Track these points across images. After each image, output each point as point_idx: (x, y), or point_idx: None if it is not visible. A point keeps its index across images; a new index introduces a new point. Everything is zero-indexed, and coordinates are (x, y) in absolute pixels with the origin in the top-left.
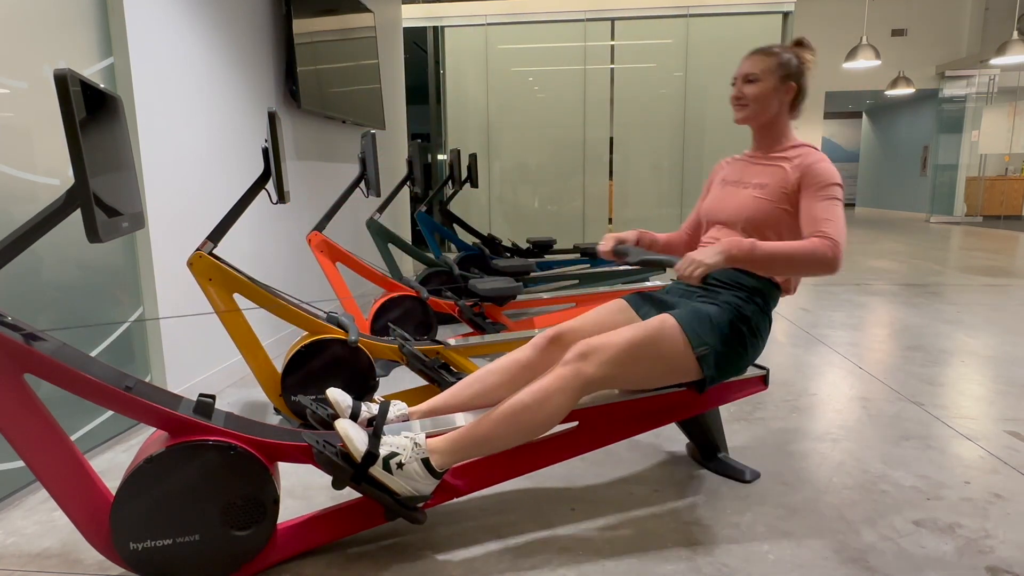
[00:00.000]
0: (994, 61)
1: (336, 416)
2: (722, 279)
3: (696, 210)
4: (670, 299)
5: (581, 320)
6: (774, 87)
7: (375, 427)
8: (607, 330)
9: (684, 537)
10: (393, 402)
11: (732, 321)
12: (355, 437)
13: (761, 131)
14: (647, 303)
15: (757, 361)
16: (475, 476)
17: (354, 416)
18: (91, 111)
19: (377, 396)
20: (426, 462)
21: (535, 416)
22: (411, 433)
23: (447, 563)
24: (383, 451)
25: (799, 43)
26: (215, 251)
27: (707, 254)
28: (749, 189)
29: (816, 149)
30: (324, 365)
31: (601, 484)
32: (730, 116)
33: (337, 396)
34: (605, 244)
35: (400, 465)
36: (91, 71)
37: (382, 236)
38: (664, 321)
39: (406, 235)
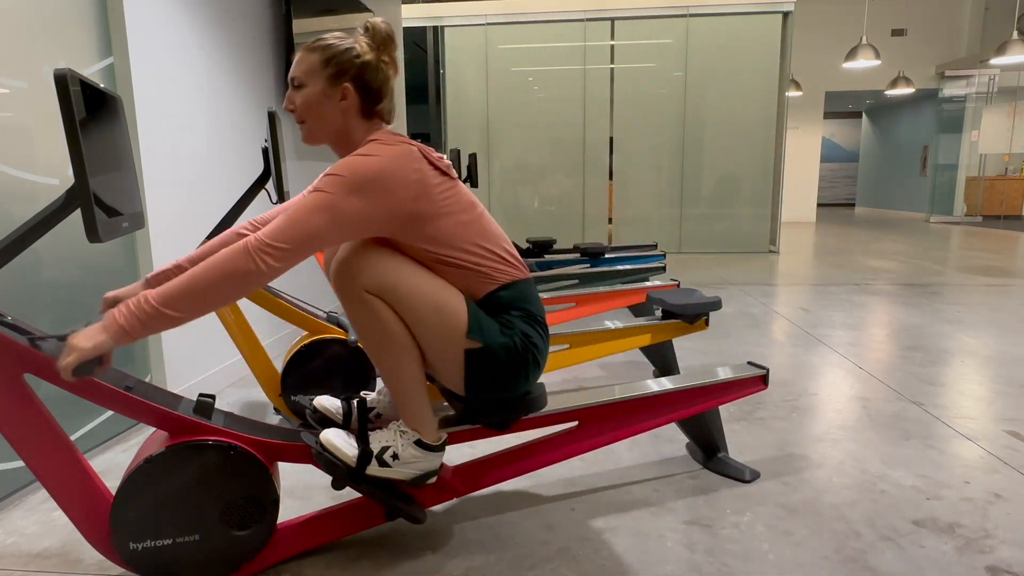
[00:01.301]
0: (994, 61)
1: (329, 423)
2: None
3: (284, 205)
4: None
5: None
6: (322, 92)
7: (359, 426)
8: None
9: (684, 537)
10: (370, 394)
11: (505, 332)
12: (343, 445)
13: (335, 149)
14: None
15: (757, 361)
16: (475, 476)
17: (347, 417)
18: (91, 111)
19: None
20: (419, 443)
21: (382, 344)
22: (397, 423)
23: (447, 563)
24: (374, 448)
25: (366, 27)
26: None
27: (86, 336)
28: None
29: (378, 141)
30: (324, 365)
31: (601, 484)
32: (730, 116)
33: (325, 403)
34: (101, 310)
35: (395, 456)
36: (91, 71)
37: None
38: (455, 290)
39: None
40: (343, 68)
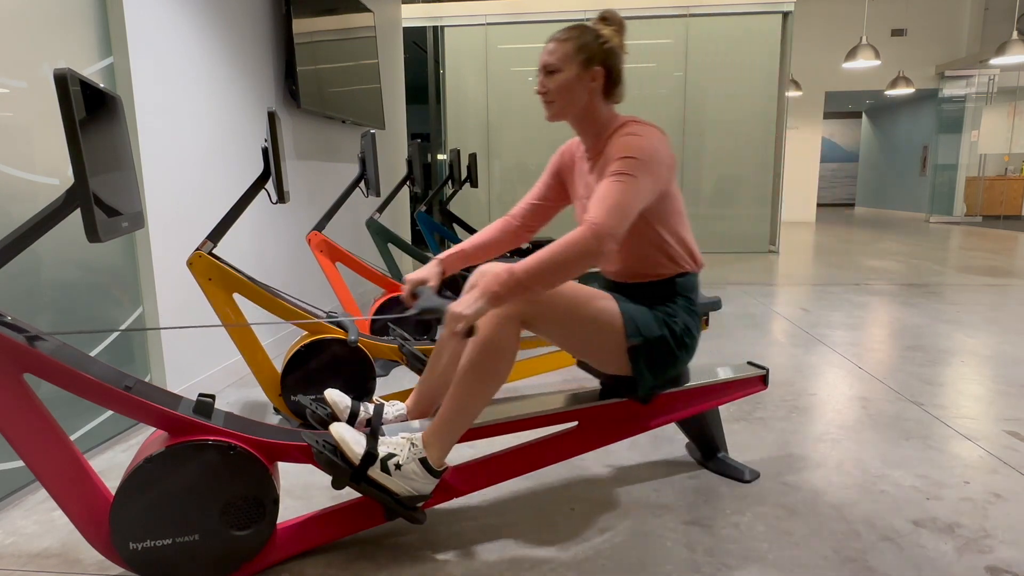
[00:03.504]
0: (994, 61)
1: (334, 417)
2: (637, 296)
3: (530, 197)
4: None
5: None
6: (577, 75)
7: (372, 428)
8: None
9: (684, 537)
10: (391, 402)
11: (666, 322)
12: (351, 440)
13: (580, 126)
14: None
15: (757, 361)
16: (475, 476)
17: (352, 416)
18: (91, 111)
19: (376, 396)
20: (424, 461)
21: (487, 367)
22: (408, 434)
23: (447, 563)
24: (381, 452)
25: (603, 18)
26: (215, 251)
27: (466, 304)
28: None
29: (638, 122)
30: (324, 365)
31: (601, 484)
32: (730, 116)
33: (335, 397)
34: (405, 291)
35: (398, 466)
36: (91, 71)
37: (382, 236)
38: (604, 295)
39: (406, 235)
40: (594, 54)
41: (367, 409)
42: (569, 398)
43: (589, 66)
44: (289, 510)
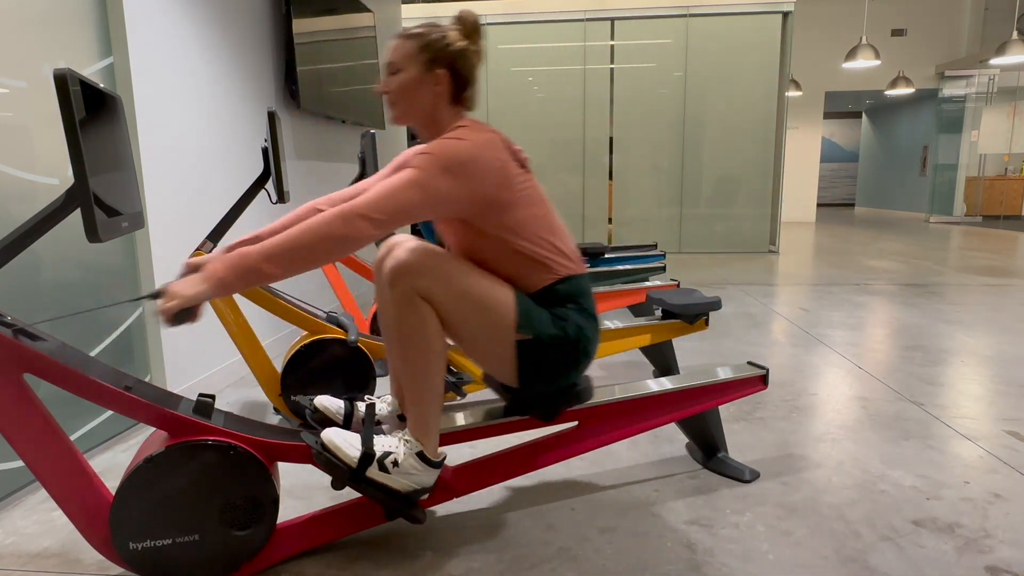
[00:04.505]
0: (994, 61)
1: (329, 422)
2: (526, 295)
3: (363, 184)
4: None
5: None
6: (418, 77)
7: (365, 428)
8: None
9: (684, 537)
10: (382, 397)
11: (557, 324)
12: (344, 445)
13: (422, 131)
14: None
15: (757, 361)
16: (475, 476)
17: (348, 417)
18: (91, 111)
19: (366, 396)
20: (420, 455)
21: (418, 350)
22: (402, 431)
23: (447, 563)
24: (377, 451)
25: (457, 18)
26: (215, 251)
27: (184, 284)
28: None
29: (467, 126)
30: (324, 365)
31: (601, 484)
32: (730, 116)
33: (326, 403)
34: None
35: (396, 463)
36: (91, 71)
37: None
38: (505, 285)
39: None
40: (438, 55)
41: (361, 408)
42: None
43: (432, 68)
44: (289, 510)
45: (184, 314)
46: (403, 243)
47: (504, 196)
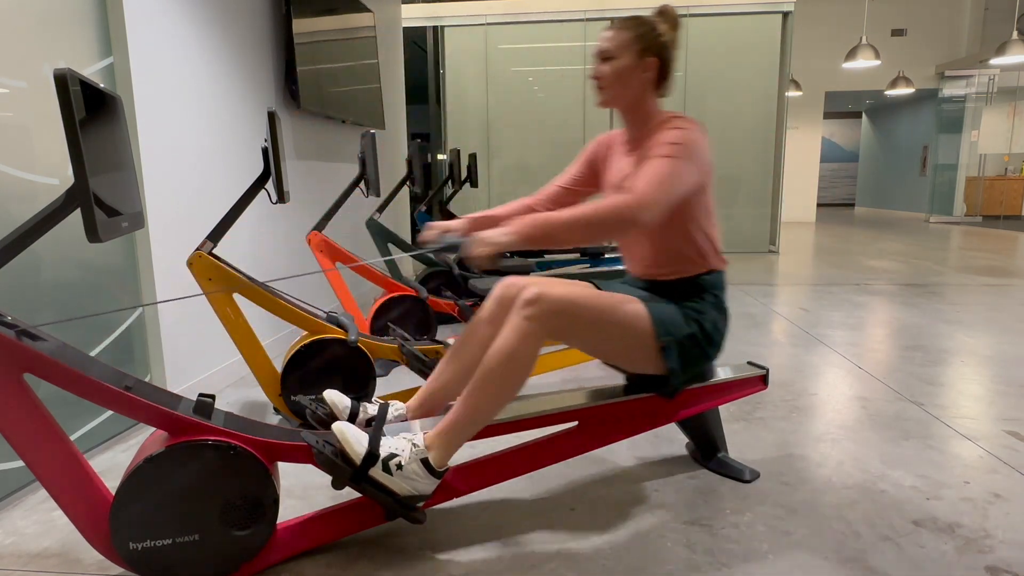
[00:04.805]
0: (994, 61)
1: (335, 417)
2: (665, 293)
3: (558, 181)
4: (632, 290)
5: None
6: (631, 64)
7: (374, 428)
8: None
9: (684, 537)
10: (391, 402)
11: (694, 318)
12: (352, 439)
13: (627, 113)
14: (609, 287)
15: (757, 361)
16: (475, 476)
17: (352, 417)
18: (91, 111)
19: (376, 396)
20: (425, 462)
21: (506, 376)
22: (409, 434)
23: (447, 563)
24: (382, 452)
25: (661, 12)
26: (215, 251)
27: (496, 233)
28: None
29: (684, 117)
30: (324, 365)
31: (601, 484)
32: (730, 116)
33: (334, 397)
34: (427, 234)
35: (399, 466)
36: (91, 71)
37: (382, 236)
38: (629, 299)
39: (406, 235)
40: (649, 45)
41: (366, 410)
42: (569, 398)
43: (644, 56)
44: (289, 510)
45: (493, 258)
46: (543, 281)
47: (707, 182)
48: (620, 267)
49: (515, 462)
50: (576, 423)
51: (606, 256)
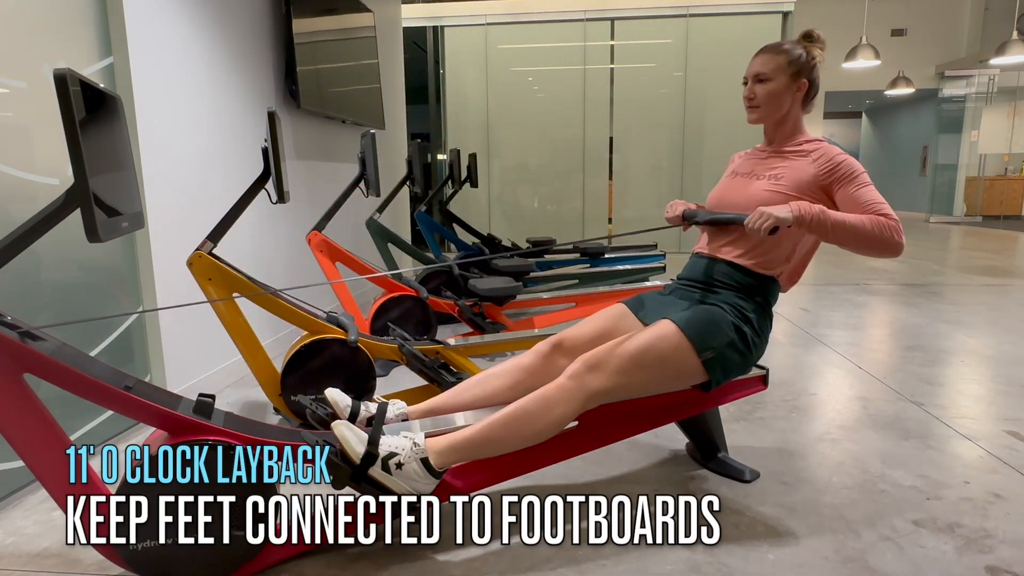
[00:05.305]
0: (994, 61)
1: (335, 416)
2: (722, 279)
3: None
4: (670, 300)
5: (582, 327)
6: (785, 85)
7: (374, 427)
8: (609, 338)
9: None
10: (392, 401)
11: (735, 323)
12: (352, 439)
13: (774, 127)
14: (646, 306)
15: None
16: (475, 476)
17: (353, 416)
18: (91, 111)
19: (376, 396)
20: (425, 462)
21: (536, 424)
22: (410, 433)
23: (447, 563)
24: (382, 451)
25: (808, 37)
26: (215, 251)
27: (779, 209)
28: (763, 180)
29: (835, 145)
30: (324, 365)
31: (601, 484)
32: (729, 116)
33: (336, 396)
34: (673, 210)
35: (399, 465)
36: (91, 71)
37: (382, 236)
38: (666, 328)
39: (406, 235)
40: (802, 68)
41: (368, 408)
42: None
43: (797, 78)
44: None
45: (775, 230)
46: (596, 360)
47: None
48: (621, 267)
49: (515, 462)
50: (576, 423)
51: (605, 256)
